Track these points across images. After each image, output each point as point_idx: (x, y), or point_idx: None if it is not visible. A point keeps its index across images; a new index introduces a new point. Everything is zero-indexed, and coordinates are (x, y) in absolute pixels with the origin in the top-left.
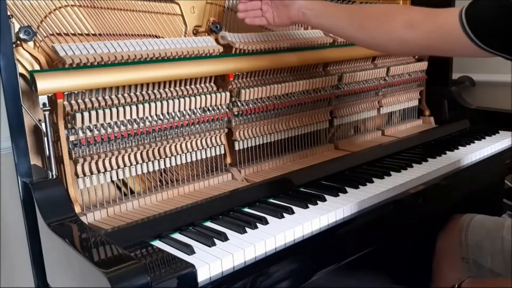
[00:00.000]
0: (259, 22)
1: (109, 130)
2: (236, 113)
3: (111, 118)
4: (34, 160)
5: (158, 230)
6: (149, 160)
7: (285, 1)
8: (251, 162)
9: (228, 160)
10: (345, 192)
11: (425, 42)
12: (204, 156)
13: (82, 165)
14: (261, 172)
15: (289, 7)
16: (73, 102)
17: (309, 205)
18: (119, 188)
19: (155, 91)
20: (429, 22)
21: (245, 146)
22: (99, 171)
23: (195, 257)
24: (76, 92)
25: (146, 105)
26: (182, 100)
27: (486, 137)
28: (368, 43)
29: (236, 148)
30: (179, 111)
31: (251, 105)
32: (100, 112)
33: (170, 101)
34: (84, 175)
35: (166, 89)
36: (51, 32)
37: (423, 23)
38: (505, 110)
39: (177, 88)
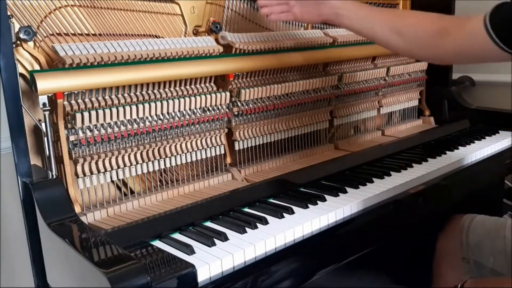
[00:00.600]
0: (286, 18)
1: (109, 130)
2: (236, 113)
3: (111, 118)
4: (34, 160)
5: (158, 230)
6: (149, 160)
7: None
8: (251, 162)
9: (228, 160)
10: (345, 192)
11: (456, 50)
12: (204, 156)
13: (82, 165)
14: (261, 172)
15: (321, 5)
16: (73, 102)
17: (309, 205)
18: (119, 188)
19: (155, 91)
20: (459, 30)
21: (245, 146)
22: (99, 171)
23: (195, 257)
24: (76, 92)
25: (146, 105)
26: (182, 100)
27: (486, 137)
28: (403, 49)
29: (236, 148)
30: (179, 111)
31: (251, 105)
32: (100, 112)
33: (170, 101)
34: (84, 175)
35: (166, 89)
36: (51, 32)
37: (454, 32)
38: (505, 110)
39: (177, 88)
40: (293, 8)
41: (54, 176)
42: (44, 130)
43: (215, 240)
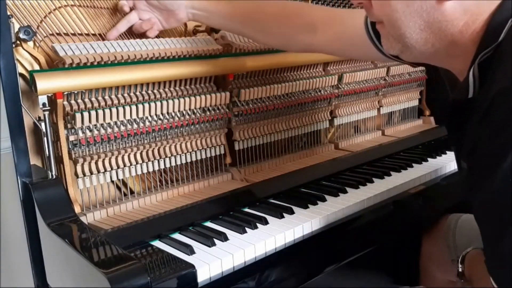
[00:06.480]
0: (153, 34)
1: (109, 130)
2: (236, 113)
3: (111, 118)
4: (34, 160)
5: (158, 230)
6: (149, 160)
7: (167, 5)
8: (251, 162)
9: (228, 160)
10: (345, 192)
11: (328, 47)
12: (204, 156)
13: (82, 165)
14: (261, 172)
15: (175, 11)
16: (73, 102)
17: (309, 205)
18: (119, 188)
19: (155, 91)
20: (333, 26)
21: (245, 146)
22: (99, 171)
23: (195, 257)
24: (76, 92)
25: (146, 105)
26: (182, 100)
27: None
28: (269, 43)
29: (236, 148)
30: (179, 111)
31: (251, 105)
32: (100, 112)
33: (170, 101)
34: (84, 175)
35: (166, 89)
36: (51, 32)
37: (327, 27)
38: None
39: (177, 88)
40: (156, 22)
41: (54, 176)
42: (44, 130)
43: (215, 240)
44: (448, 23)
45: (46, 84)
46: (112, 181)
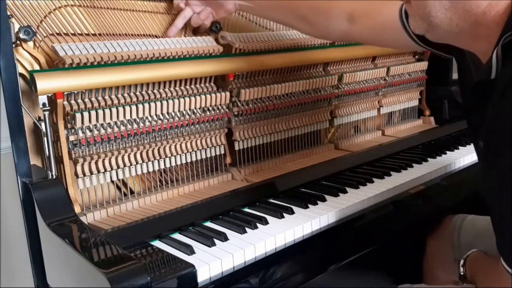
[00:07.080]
0: (209, 23)
1: (109, 130)
2: (236, 113)
3: (111, 118)
4: (34, 160)
5: (158, 230)
6: (149, 160)
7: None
8: (251, 162)
9: (228, 160)
10: (345, 192)
11: (365, 36)
12: (204, 156)
13: (82, 165)
14: (261, 172)
15: (223, 3)
16: (73, 102)
17: (309, 205)
18: (119, 188)
19: (155, 91)
20: (370, 17)
21: (245, 146)
22: (99, 171)
23: (195, 257)
24: (76, 92)
25: (146, 105)
26: (182, 100)
27: None
28: (309, 33)
29: (236, 148)
30: (179, 111)
31: (251, 105)
32: (100, 112)
33: (170, 101)
34: (84, 175)
35: (166, 89)
36: (51, 32)
37: (364, 18)
38: None
39: (177, 88)
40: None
41: (54, 176)
42: (44, 130)
43: (215, 240)
44: (472, 3)
45: (46, 84)
46: (112, 181)
